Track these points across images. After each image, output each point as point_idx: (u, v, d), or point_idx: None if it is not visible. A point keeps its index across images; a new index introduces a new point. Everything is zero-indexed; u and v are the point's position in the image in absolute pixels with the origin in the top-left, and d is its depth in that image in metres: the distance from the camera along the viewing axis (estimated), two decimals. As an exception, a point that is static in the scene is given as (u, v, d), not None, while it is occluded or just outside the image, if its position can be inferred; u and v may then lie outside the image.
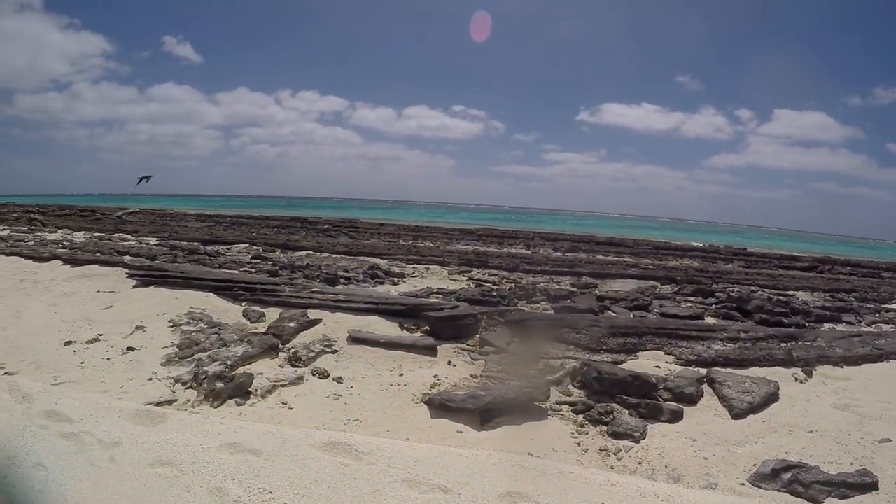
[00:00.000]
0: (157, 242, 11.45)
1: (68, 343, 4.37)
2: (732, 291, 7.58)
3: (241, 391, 3.51)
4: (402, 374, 3.92)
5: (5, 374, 3.64)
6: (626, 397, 3.50)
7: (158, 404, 3.26)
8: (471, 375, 3.95)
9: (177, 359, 4.08)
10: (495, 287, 7.47)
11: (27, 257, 8.35)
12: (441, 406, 3.34)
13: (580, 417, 3.27)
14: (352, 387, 3.73)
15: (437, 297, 6.30)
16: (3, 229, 13.65)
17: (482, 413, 3.23)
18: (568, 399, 3.54)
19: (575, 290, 7.24)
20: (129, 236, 12.90)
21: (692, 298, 7.18)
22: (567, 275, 8.77)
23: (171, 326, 4.77)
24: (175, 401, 3.44)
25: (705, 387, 3.60)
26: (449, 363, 4.17)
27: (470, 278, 8.19)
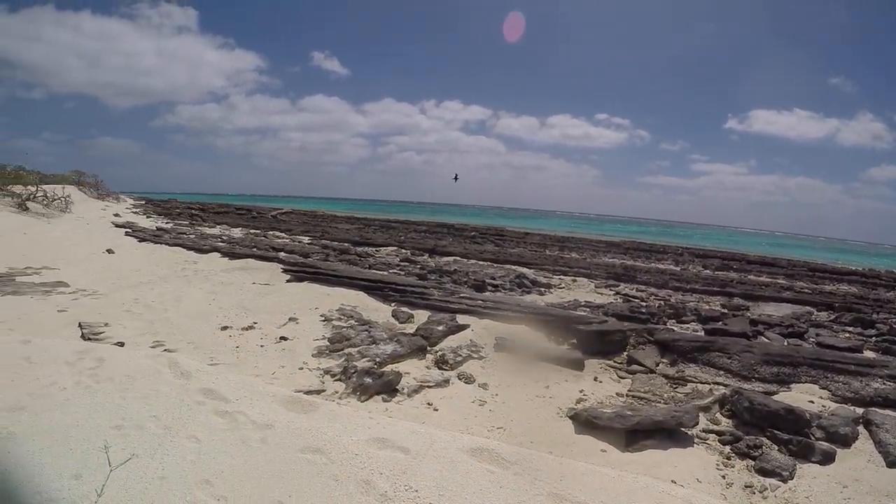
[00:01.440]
0: (309, 241, 18.99)
1: (224, 328, 7.46)
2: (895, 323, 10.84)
3: (388, 388, 5.69)
4: (547, 387, 6.08)
5: (165, 350, 6.46)
6: (776, 432, 4.99)
7: (308, 393, 5.41)
8: (616, 394, 6.02)
9: (327, 352, 6.75)
10: (643, 303, 11.31)
11: (188, 248, 14.78)
12: (587, 422, 5.09)
13: (727, 448, 4.90)
14: (497, 394, 5.88)
15: (584, 311, 9.61)
16: (167, 222, 24.00)
17: (628, 434, 4.88)
18: (715, 428, 5.24)
19: (726, 311, 11.16)
20: (282, 234, 21.50)
21: (850, 328, 10.54)
22: (717, 294, 13.52)
23: (323, 321, 7.87)
24: (324, 391, 5.65)
25: (861, 428, 5.19)
26: (595, 379, 6.42)
27: (617, 293, 12.77)
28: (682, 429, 5.05)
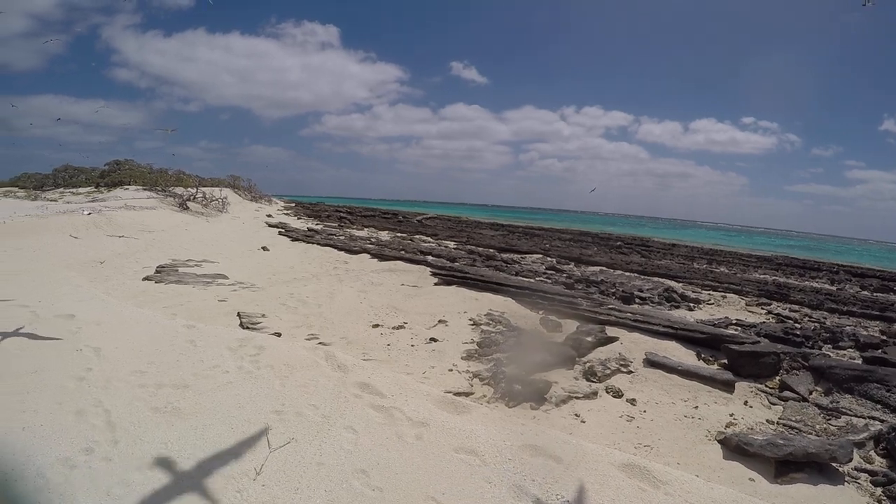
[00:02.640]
0: (455, 246, 19.37)
1: (376, 326, 7.81)
2: None
3: (537, 396, 5.73)
4: (696, 407, 5.95)
5: (319, 343, 6.84)
6: (935, 478, 4.61)
7: (457, 394, 5.53)
8: (766, 420, 5.79)
9: (476, 355, 6.87)
10: (797, 325, 10.84)
11: (339, 249, 15.70)
12: (736, 448, 4.96)
13: (878, 491, 4.68)
14: (645, 411, 5.82)
15: (735, 329, 9.26)
16: (317, 224, 25.35)
17: (778, 464, 4.72)
18: (868, 467, 5.04)
19: (886, 339, 10.48)
20: (428, 239, 22.17)
21: None
22: (877, 319, 12.73)
23: (472, 325, 8.04)
24: (472, 394, 5.75)
25: None
26: (745, 403, 6.18)
27: (769, 312, 12.43)
28: (834, 464, 4.84)
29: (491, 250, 18.90)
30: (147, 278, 10.93)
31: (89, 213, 20.84)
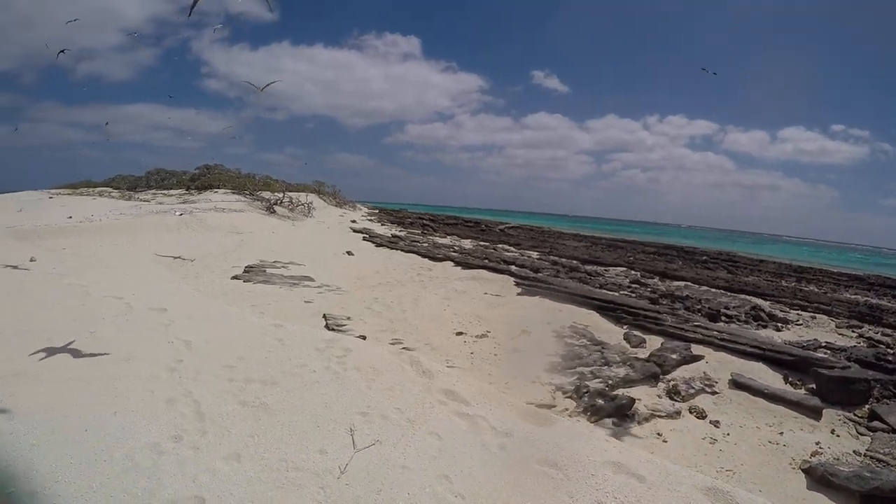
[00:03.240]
0: (538, 256, 19.25)
1: (459, 333, 7.87)
2: None
3: (620, 413, 5.68)
4: (781, 433, 5.77)
5: (403, 348, 6.96)
6: None
7: (539, 406, 5.53)
8: (854, 451, 5.55)
9: (560, 368, 6.83)
10: (890, 350, 10.30)
11: (423, 255, 15.86)
12: (821, 478, 4.82)
13: None
14: (728, 434, 5.68)
15: (824, 352, 8.86)
16: (400, 231, 25.84)
17: (864, 498, 4.55)
18: None
19: None
20: (511, 248, 22.05)
21: None
22: None
23: (555, 336, 7.97)
24: (554, 406, 5.74)
25: None
26: (832, 431, 5.94)
27: (860, 335, 11.93)
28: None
29: (574, 262, 18.69)
30: (236, 277, 11.37)
31: (181, 214, 21.81)
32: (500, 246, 22.83)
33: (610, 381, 6.40)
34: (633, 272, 17.81)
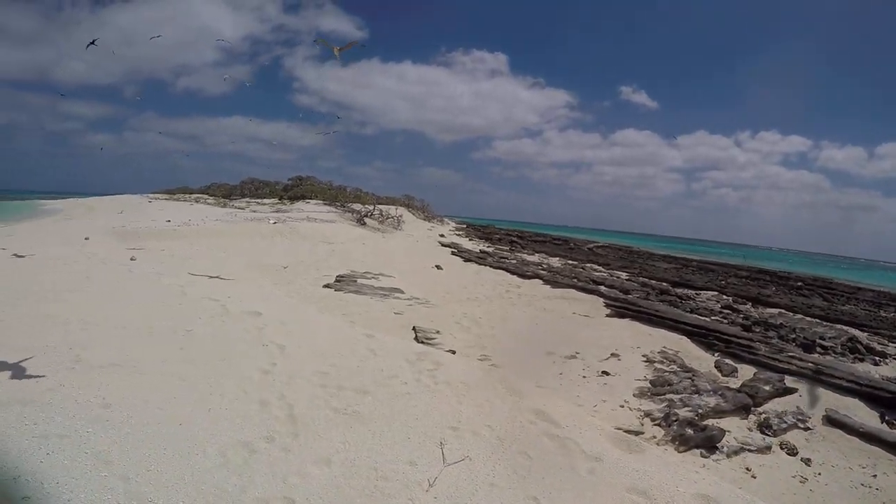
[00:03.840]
0: (627, 277, 18.93)
1: (548, 353, 7.81)
2: None
3: (709, 443, 5.52)
4: (874, 476, 5.46)
5: (492, 365, 6.97)
6: None
7: (627, 432, 5.42)
8: None
9: (649, 394, 6.71)
10: None
11: (511, 272, 15.85)
12: None
13: None
14: (819, 474, 5.43)
15: None
16: (488, 246, 25.89)
17: None
18: None
19: None
20: (599, 268, 21.70)
21: None
22: None
23: (645, 361, 7.85)
24: (642, 433, 5.63)
25: None
26: None
27: None
28: None
29: (664, 284, 18.27)
30: (327, 286, 11.65)
31: (275, 223, 22.54)
32: (588, 265, 22.60)
33: (700, 411, 6.23)
34: (724, 297, 17.30)
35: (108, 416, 4.38)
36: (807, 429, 6.32)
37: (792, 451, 5.78)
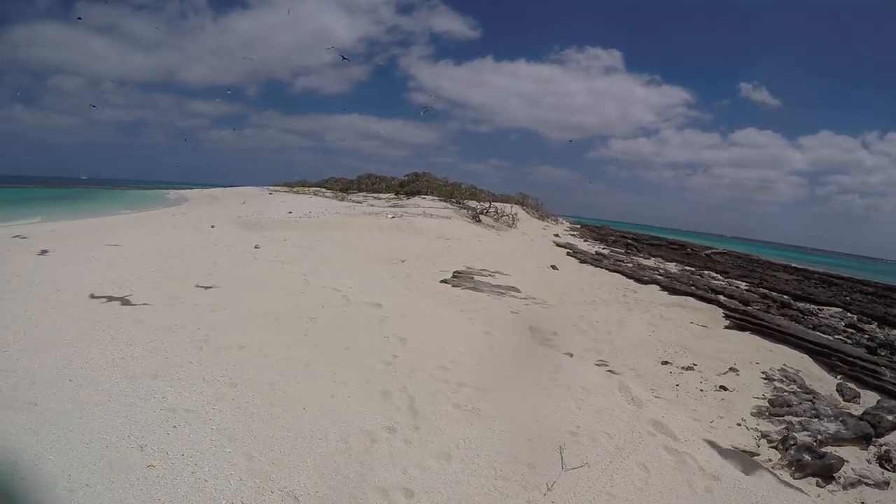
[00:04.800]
0: (746, 287, 18.15)
1: (665, 363, 7.69)
2: None
3: (826, 472, 5.21)
4: None
5: (608, 371, 6.94)
6: None
7: (743, 452, 5.26)
8: None
9: (767, 413, 6.44)
10: None
11: (628, 276, 15.61)
12: None
13: None
14: None
15: None
16: (604, 248, 25.72)
17: None
18: None
19: None
20: (717, 276, 20.99)
21: None
22: None
23: (764, 379, 7.56)
24: (757, 455, 5.41)
25: None
26: None
27: None
28: None
29: (785, 297, 17.30)
30: (444, 281, 11.87)
31: (392, 217, 23.06)
32: (706, 272, 21.90)
33: (819, 437, 5.90)
34: (848, 315, 16.17)
35: (234, 395, 4.74)
36: (930, 468, 5.80)
37: (916, 490, 5.31)
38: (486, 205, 32.61)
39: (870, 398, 7.33)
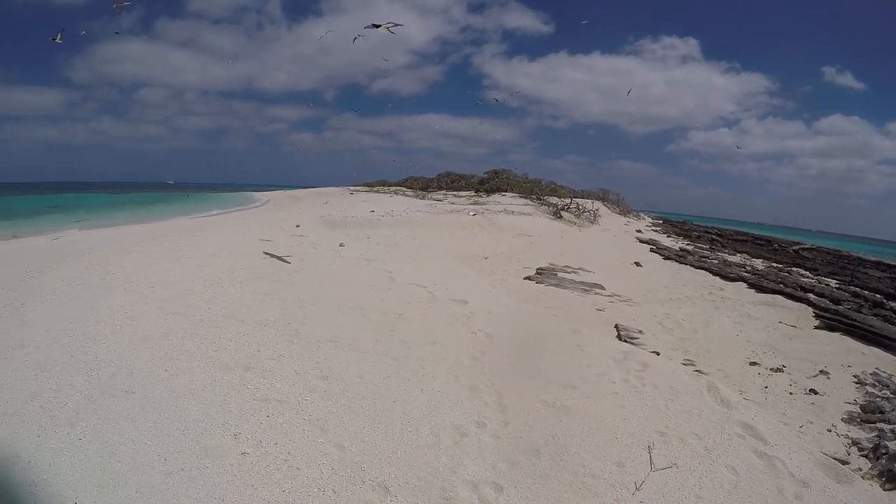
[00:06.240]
0: (836, 285, 17.22)
1: (753, 364, 7.50)
2: None
3: None
4: None
5: (695, 370, 6.83)
6: None
7: (833, 459, 4.99)
8: None
9: (858, 420, 6.17)
10: None
11: (714, 273, 15.22)
12: None
13: None
14: None
15: None
16: (688, 244, 25.17)
17: None
18: None
19: None
20: (806, 273, 20.13)
21: None
22: None
23: (856, 383, 7.25)
24: (847, 463, 5.15)
25: None
26: None
27: None
28: None
29: (878, 295, 16.08)
30: (528, 278, 11.93)
31: (474, 214, 23.18)
32: (794, 269, 20.98)
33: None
34: (946, 316, 15.04)
35: (325, 387, 4.93)
36: None
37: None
38: (568, 201, 32.43)
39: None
